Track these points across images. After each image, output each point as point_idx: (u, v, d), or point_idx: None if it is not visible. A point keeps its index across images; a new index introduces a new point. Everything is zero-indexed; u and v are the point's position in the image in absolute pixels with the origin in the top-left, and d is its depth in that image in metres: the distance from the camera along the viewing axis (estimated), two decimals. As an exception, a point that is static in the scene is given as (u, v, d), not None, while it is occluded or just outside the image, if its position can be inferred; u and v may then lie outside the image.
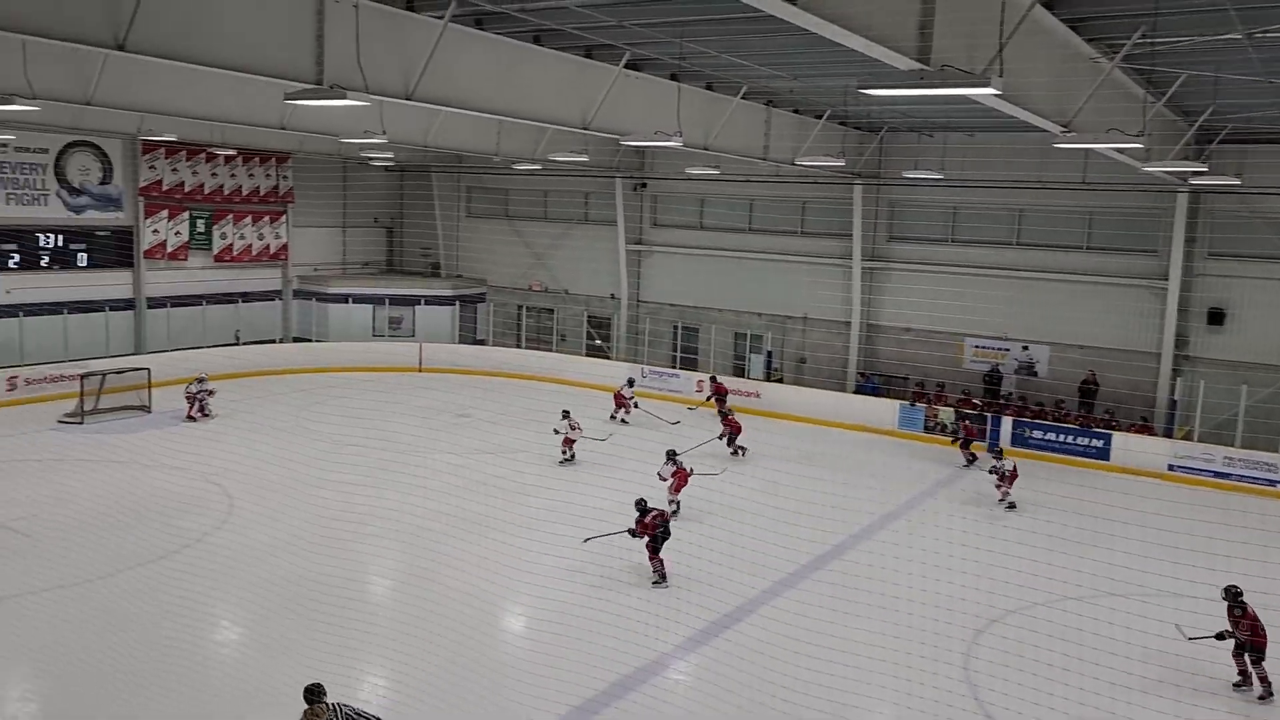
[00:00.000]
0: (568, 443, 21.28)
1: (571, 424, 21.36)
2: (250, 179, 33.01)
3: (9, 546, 15.51)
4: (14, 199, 27.37)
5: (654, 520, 14.51)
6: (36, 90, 15.36)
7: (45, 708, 11.13)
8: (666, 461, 17.80)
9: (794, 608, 13.70)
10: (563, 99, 16.73)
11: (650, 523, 14.48)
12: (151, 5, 10.72)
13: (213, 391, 24.68)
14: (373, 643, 12.28)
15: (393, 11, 13.29)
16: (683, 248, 32.14)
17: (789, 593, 14.59)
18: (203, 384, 24.65)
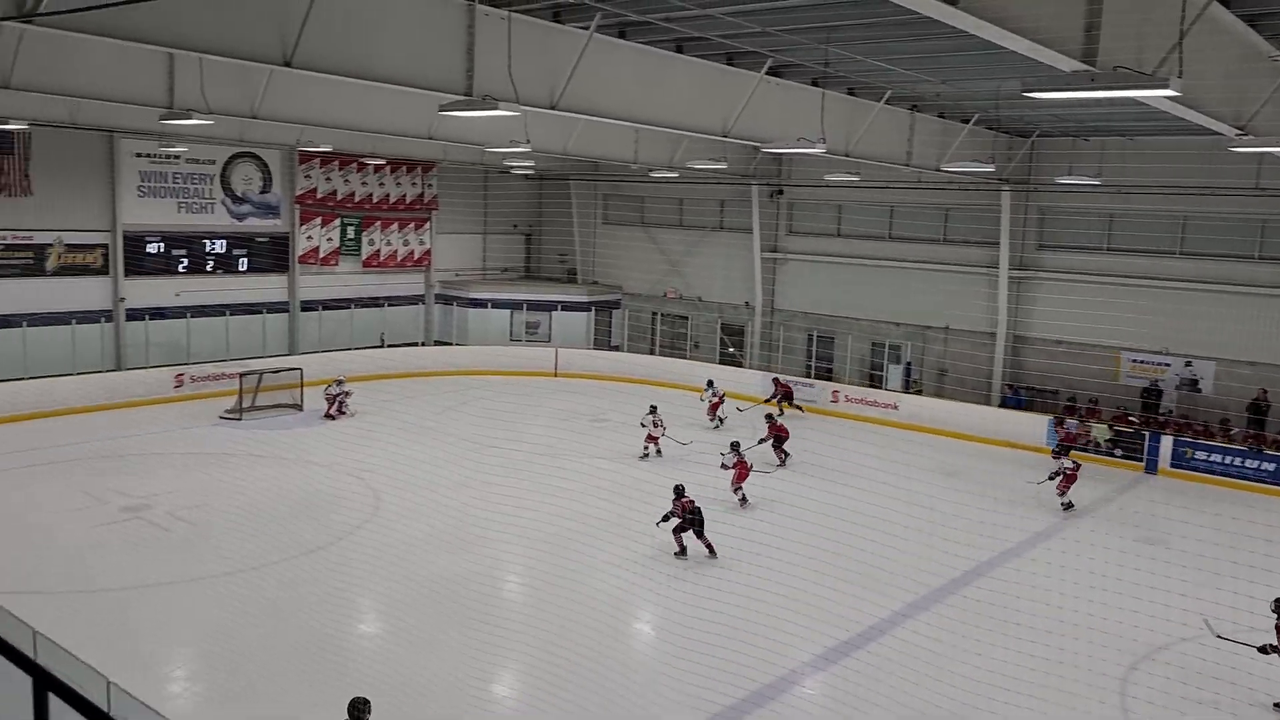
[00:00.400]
0: (651, 439, 22.04)
1: (656, 420, 22.08)
2: (397, 187, 34.26)
3: (178, 535, 16.52)
4: (184, 207, 29.17)
5: (685, 505, 15.83)
6: (210, 105, 16.30)
7: (208, 688, 11.76)
8: (730, 452, 18.74)
9: (931, 630, 13.27)
10: (703, 106, 16.72)
11: (683, 505, 15.81)
12: (316, 24, 11.23)
13: (349, 393, 25.75)
14: (509, 641, 12.50)
15: (540, 23, 13.55)
16: (819, 255, 31.68)
17: (926, 613, 14.14)
18: (341, 385, 25.77)
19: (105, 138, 26.79)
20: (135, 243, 28.07)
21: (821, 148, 15.94)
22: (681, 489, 16.02)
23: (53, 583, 14.21)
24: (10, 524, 16.69)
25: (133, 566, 15.07)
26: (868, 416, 27.00)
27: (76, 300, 26.85)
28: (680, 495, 16.02)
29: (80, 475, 19.56)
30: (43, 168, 25.79)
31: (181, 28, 10.51)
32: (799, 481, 18.38)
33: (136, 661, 11.67)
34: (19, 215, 25.62)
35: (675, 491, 16.11)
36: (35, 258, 26.17)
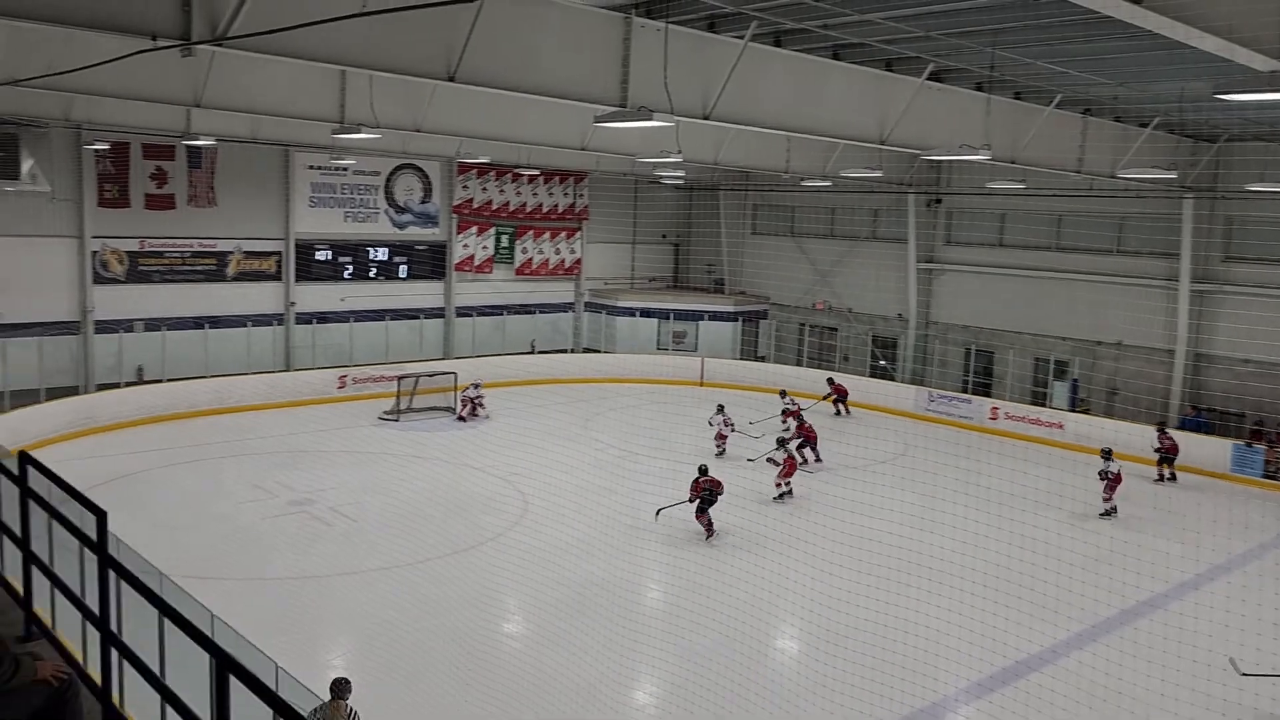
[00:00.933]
0: (720, 438, 22.93)
1: (725, 419, 23.05)
2: (550, 197, 35.00)
3: (339, 529, 17.28)
4: (350, 217, 30.61)
5: (703, 484, 16.98)
6: (378, 120, 17.03)
7: (365, 678, 12.20)
8: (777, 448, 19.93)
9: (1098, 662, 12.50)
10: (859, 114, 16.37)
11: (699, 485, 16.98)
12: (479, 41, 11.55)
13: (482, 396, 26.52)
14: (652, 648, 12.48)
15: (695, 34, 13.54)
16: (979, 266, 30.51)
17: (1094, 645, 13.35)
18: (478, 389, 26.54)
19: (282, 152, 28.41)
20: (305, 250, 29.65)
21: (985, 154, 15.32)
22: (705, 468, 17.33)
23: (228, 569, 15.07)
24: (197, 512, 17.85)
25: (297, 557, 15.85)
26: (1030, 436, 25.79)
27: (252, 304, 28.55)
28: (704, 474, 17.18)
29: (252, 469, 20.73)
30: (226, 180, 27.55)
31: (355, 48, 11.00)
32: (961, 502, 17.70)
33: (300, 648, 12.22)
34: (204, 224, 27.44)
35: (699, 471, 17.25)
36: (217, 264, 27.97)
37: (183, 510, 17.95)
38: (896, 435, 24.82)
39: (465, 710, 11.12)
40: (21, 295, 23.92)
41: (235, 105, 16.94)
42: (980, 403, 27.61)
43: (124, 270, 26.31)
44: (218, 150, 26.76)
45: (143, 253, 26.58)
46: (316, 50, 10.66)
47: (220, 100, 16.40)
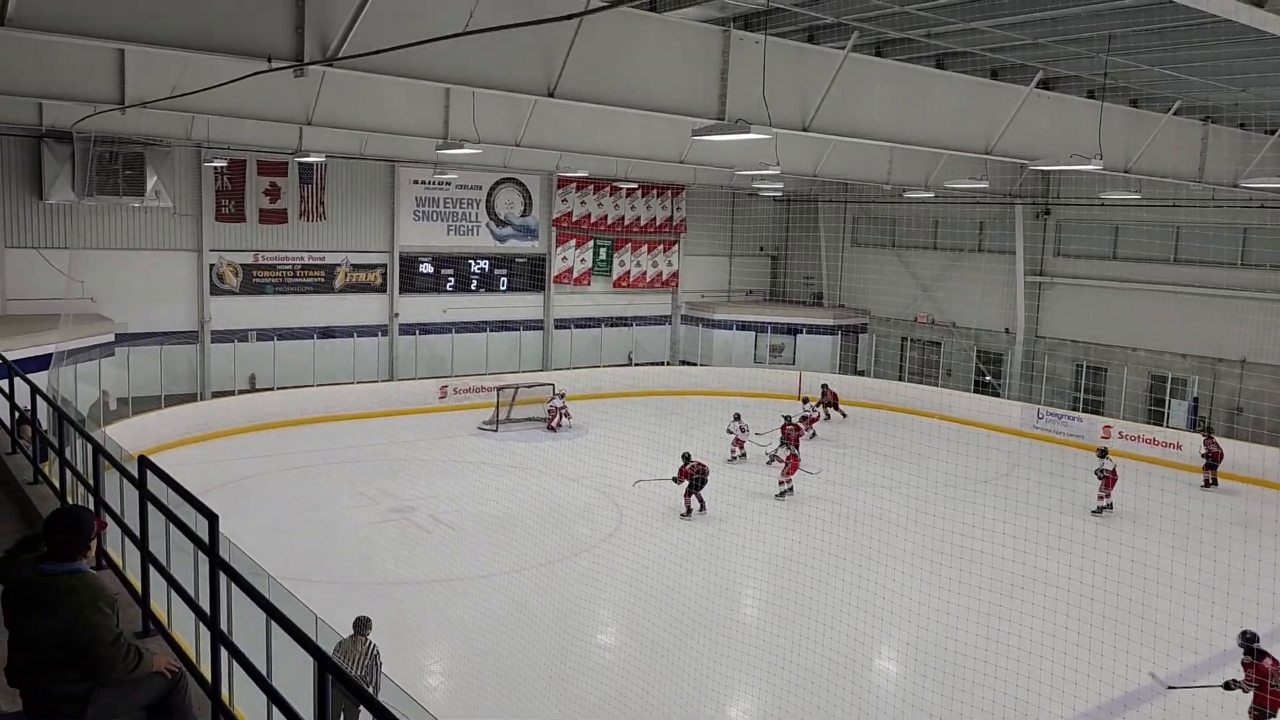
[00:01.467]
0: (738, 443, 23.58)
1: (742, 426, 23.69)
2: (648, 210, 35.17)
3: (438, 537, 17.63)
4: (453, 230, 31.30)
5: (691, 469, 18.68)
6: (480, 135, 17.38)
7: (461, 683, 12.40)
8: (781, 445, 21.21)
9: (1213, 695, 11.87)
10: (964, 123, 15.98)
11: (688, 470, 18.68)
12: (579, 56, 11.68)
13: (566, 407, 26.92)
14: (746, 664, 12.36)
15: (794, 45, 13.45)
16: (1091, 279, 29.46)
17: (1209, 677, 12.67)
18: (562, 398, 26.88)
19: (388, 167, 29.25)
20: (409, 263, 30.43)
21: (1097, 164, 14.79)
22: (688, 455, 18.97)
23: (332, 573, 15.51)
24: (304, 517, 18.44)
25: (397, 563, 16.23)
26: (1145, 456, 24.72)
27: (358, 315, 29.41)
28: (686, 460, 18.89)
29: (357, 476, 21.32)
30: (335, 195, 28.52)
31: (458, 66, 11.25)
32: (1071, 523, 17.09)
33: (399, 651, 12.47)
34: (314, 238, 28.44)
35: (683, 458, 18.86)
36: (326, 276, 28.93)
37: (290, 515, 18.56)
38: (1002, 453, 24.09)
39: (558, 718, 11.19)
40: (144, 306, 25.15)
41: (344, 123, 17.50)
42: (1092, 421, 26.61)
43: (239, 282, 27.43)
44: (327, 166, 27.71)
45: (256, 265, 27.68)
46: (421, 69, 10.94)
47: (330, 118, 16.97)
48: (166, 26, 9.45)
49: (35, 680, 3.93)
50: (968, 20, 12.54)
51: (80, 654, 3.88)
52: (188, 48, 9.72)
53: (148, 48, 10.04)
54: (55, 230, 24.21)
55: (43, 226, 24.11)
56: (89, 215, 24.51)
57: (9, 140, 23.39)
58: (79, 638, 3.86)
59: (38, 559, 4.05)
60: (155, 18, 9.35)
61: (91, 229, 24.73)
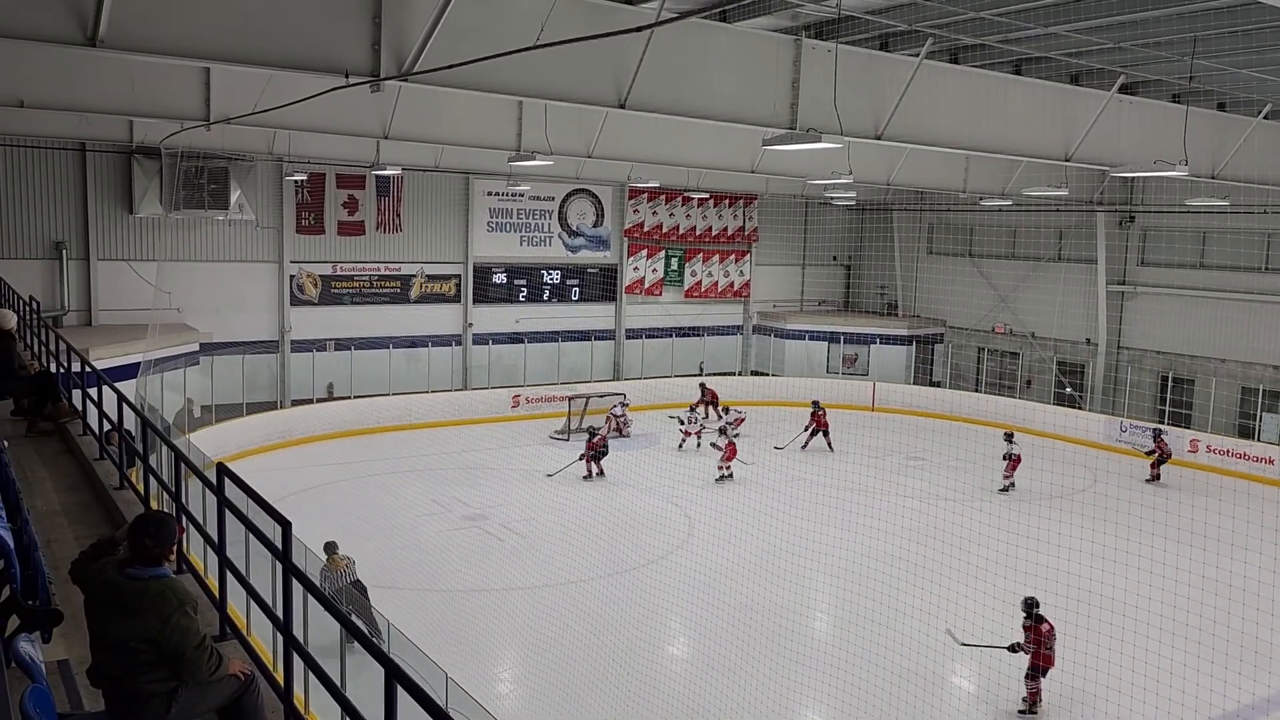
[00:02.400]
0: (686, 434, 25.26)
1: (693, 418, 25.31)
2: (719, 220, 35.09)
3: (510, 545, 17.78)
4: (525, 241, 31.64)
5: (598, 441, 22.17)
6: (552, 147, 17.56)
7: (531, 691, 12.47)
8: (719, 434, 23.05)
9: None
10: (1043, 130, 15.66)
11: (594, 443, 22.16)
12: (649, 68, 11.74)
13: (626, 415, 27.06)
14: (813, 678, 12.19)
15: (866, 53, 13.33)
16: (1176, 288, 28.54)
17: None
18: (625, 407, 27.07)
19: (462, 179, 29.71)
20: (483, 273, 30.83)
21: (1183, 170, 14.34)
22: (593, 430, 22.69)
23: (405, 579, 15.76)
24: (380, 523, 18.78)
25: (469, 570, 16.40)
26: (1235, 471, 23.84)
27: (432, 325, 29.89)
28: (593, 434, 22.41)
29: (431, 484, 21.63)
30: (411, 207, 29.05)
31: (530, 79, 11.39)
32: (1155, 542, 16.52)
33: (469, 660, 12.60)
34: (391, 249, 29.00)
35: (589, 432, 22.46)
36: (401, 287, 29.46)
37: (366, 522, 18.89)
38: (1084, 467, 23.45)
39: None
40: (227, 316, 25.91)
41: (419, 136, 17.85)
42: (1178, 434, 25.73)
43: (317, 293, 28.09)
44: (404, 179, 28.25)
45: (335, 276, 28.32)
46: (494, 82, 11.10)
47: (406, 132, 17.32)
48: (249, 46, 9.76)
49: (122, 681, 4.06)
50: (1046, 25, 12.28)
51: (169, 655, 4.02)
52: (269, 65, 10.03)
53: (231, 66, 10.38)
54: (144, 243, 25.10)
55: (132, 239, 25.03)
56: (175, 228, 25.37)
57: (101, 156, 24.36)
58: (169, 640, 4.00)
59: (121, 563, 4.18)
60: (238, 37, 9.66)
61: (178, 242, 25.58)
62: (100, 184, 24.52)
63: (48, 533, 6.84)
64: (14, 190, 23.52)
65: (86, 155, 24.19)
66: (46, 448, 9.46)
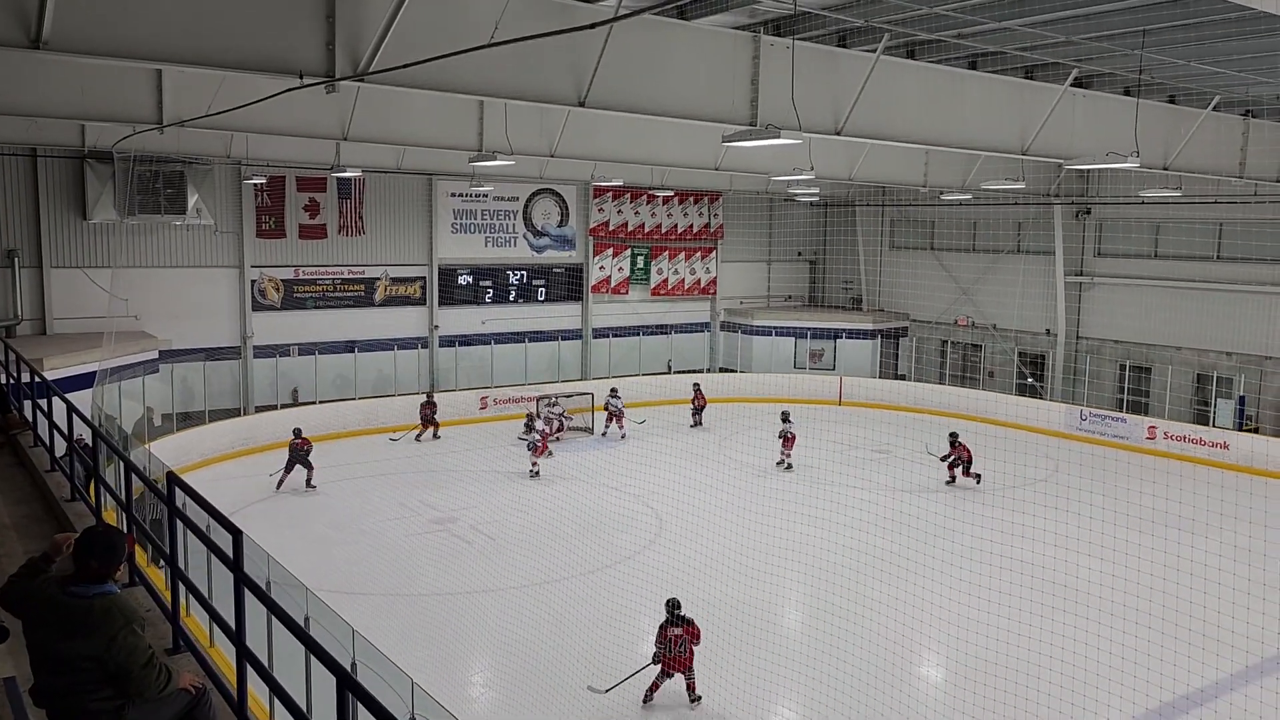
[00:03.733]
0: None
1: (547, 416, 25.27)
2: (684, 217, 35.14)
3: (478, 547, 17.70)
4: (491, 241, 31.50)
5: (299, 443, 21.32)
6: (514, 147, 17.47)
7: (501, 695, 12.41)
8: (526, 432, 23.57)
9: (1268, 697, 11.57)
10: (999, 124, 15.80)
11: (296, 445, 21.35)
12: (608, 66, 11.70)
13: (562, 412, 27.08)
14: (780, 672, 12.25)
15: (825, 49, 13.37)
16: (1132, 278, 28.98)
17: (1261, 680, 12.36)
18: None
19: (425, 180, 29.52)
20: (448, 275, 30.66)
21: (1135, 162, 14.54)
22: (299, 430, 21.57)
23: (373, 584, 15.63)
24: (346, 529, 18.62)
25: (437, 574, 16.29)
26: (1191, 456, 24.27)
27: (398, 328, 29.67)
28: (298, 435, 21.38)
29: (398, 488, 21.48)
30: (373, 210, 28.81)
31: (488, 78, 11.31)
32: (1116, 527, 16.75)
33: (437, 664, 12.53)
34: (353, 252, 28.75)
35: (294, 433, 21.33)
36: (365, 290, 29.22)
37: (333, 527, 18.74)
38: (1046, 455, 23.73)
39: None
40: (187, 322, 25.56)
41: (379, 137, 17.67)
42: (1136, 421, 26.14)
43: (280, 297, 27.79)
44: (365, 181, 28.01)
45: (297, 280, 28.03)
46: (451, 81, 11.01)
47: (366, 133, 17.15)
48: (200, 46, 9.60)
49: (68, 699, 3.98)
50: (999, 19, 12.39)
51: (116, 674, 3.95)
52: (220, 66, 9.88)
53: (182, 67, 10.23)
54: (99, 249, 24.69)
55: (86, 246, 24.60)
56: (131, 234, 24.97)
57: (52, 162, 23.93)
58: (115, 658, 3.92)
59: (64, 580, 4.09)
60: (188, 38, 9.51)
61: (134, 248, 25.18)
62: (52, 190, 24.08)
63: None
64: (-36, 198, 23.04)
65: (38, 160, 23.76)
66: (-3, 460, 9.28)
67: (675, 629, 11.80)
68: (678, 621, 11.85)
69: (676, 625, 11.83)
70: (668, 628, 11.86)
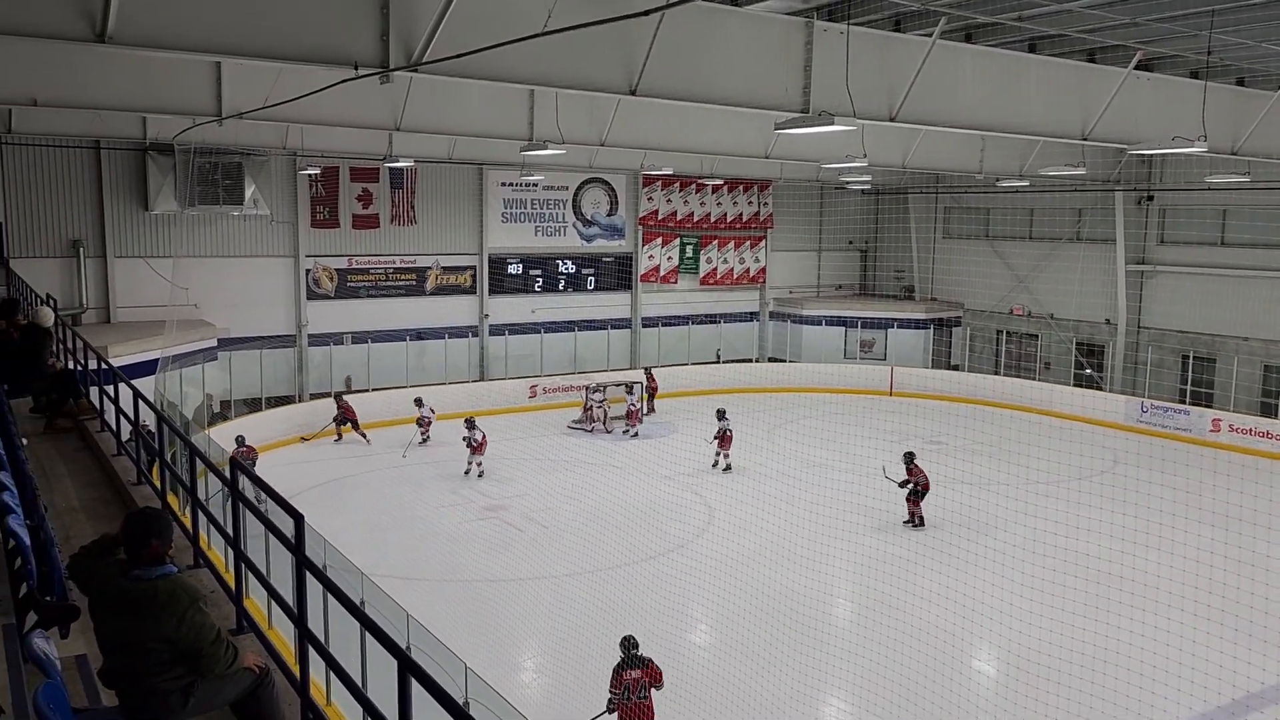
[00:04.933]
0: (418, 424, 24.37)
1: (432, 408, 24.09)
2: (734, 206, 34.94)
3: (529, 535, 17.82)
4: (541, 231, 31.62)
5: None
6: (564, 136, 17.49)
7: (553, 681, 12.50)
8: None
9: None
10: (1059, 108, 15.46)
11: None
12: (659, 54, 11.65)
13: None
14: (831, 663, 12.16)
15: (879, 34, 13.18)
16: (1197, 267, 28.23)
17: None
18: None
19: (476, 170, 29.69)
20: (498, 264, 30.84)
21: (1202, 146, 14.14)
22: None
23: (426, 570, 15.81)
24: (400, 515, 18.85)
25: (490, 561, 16.44)
26: (1258, 450, 23.64)
27: (449, 317, 29.91)
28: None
29: (449, 476, 21.67)
30: (425, 199, 29.06)
31: (540, 67, 11.33)
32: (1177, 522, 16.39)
33: (489, 649, 12.64)
34: (405, 241, 29.04)
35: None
36: (417, 279, 29.51)
37: (386, 513, 18.98)
38: (1104, 448, 23.28)
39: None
40: (244, 311, 26.01)
41: (431, 127, 17.81)
42: (1200, 414, 25.50)
43: (334, 286, 28.17)
44: (417, 171, 28.26)
45: (350, 270, 28.39)
46: (504, 71, 11.05)
47: (418, 123, 17.29)
48: (257, 38, 9.74)
49: (138, 680, 4.06)
50: (1061, 1, 12.11)
51: (187, 653, 4.03)
52: (278, 58, 10.01)
53: (241, 59, 10.38)
54: (160, 240, 25.21)
55: (148, 236, 25.14)
56: (191, 224, 25.47)
57: (116, 154, 24.47)
58: (186, 638, 4.01)
59: (124, 565, 4.16)
60: (246, 30, 9.65)
61: (194, 238, 25.68)
62: (115, 181, 24.63)
63: (67, 529, 6.88)
64: (31, 189, 23.65)
65: (101, 153, 24.31)
66: (66, 445, 9.53)
67: (632, 671, 10.23)
68: (635, 663, 10.30)
69: (634, 667, 10.26)
70: (624, 670, 10.26)
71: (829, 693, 11.97)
